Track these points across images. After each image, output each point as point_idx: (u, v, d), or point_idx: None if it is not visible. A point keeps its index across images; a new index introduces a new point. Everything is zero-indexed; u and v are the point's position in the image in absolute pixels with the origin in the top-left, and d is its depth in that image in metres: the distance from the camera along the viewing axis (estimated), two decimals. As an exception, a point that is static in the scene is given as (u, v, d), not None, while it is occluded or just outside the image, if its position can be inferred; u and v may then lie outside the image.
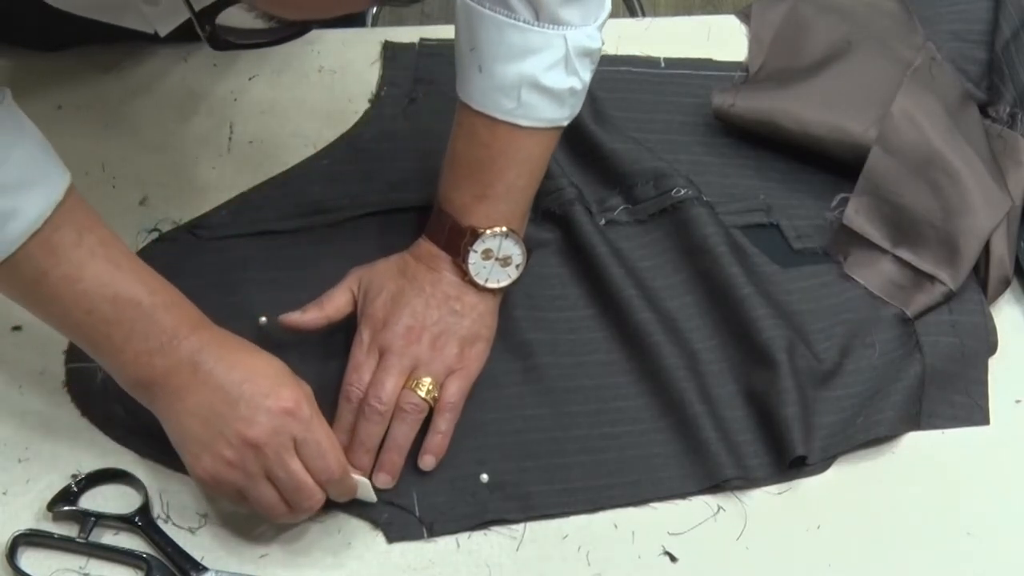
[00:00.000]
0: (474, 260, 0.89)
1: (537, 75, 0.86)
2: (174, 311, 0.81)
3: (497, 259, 0.89)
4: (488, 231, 0.89)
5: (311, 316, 0.89)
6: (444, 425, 0.87)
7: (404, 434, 0.86)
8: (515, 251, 0.90)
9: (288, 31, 0.70)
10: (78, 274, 0.78)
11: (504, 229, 0.89)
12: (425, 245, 0.91)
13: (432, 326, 0.88)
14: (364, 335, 0.88)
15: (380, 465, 0.85)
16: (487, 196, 0.89)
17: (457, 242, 0.89)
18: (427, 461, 0.86)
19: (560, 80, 0.87)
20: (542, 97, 0.87)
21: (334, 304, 0.90)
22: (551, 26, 0.86)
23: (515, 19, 0.85)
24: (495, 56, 0.86)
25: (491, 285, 0.90)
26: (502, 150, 0.88)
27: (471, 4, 0.86)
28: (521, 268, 0.91)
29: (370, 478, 0.85)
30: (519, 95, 0.86)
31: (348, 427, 0.86)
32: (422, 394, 0.86)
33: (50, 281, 0.78)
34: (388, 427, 0.86)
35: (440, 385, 0.87)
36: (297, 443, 0.79)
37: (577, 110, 0.90)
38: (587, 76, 0.89)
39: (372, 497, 0.84)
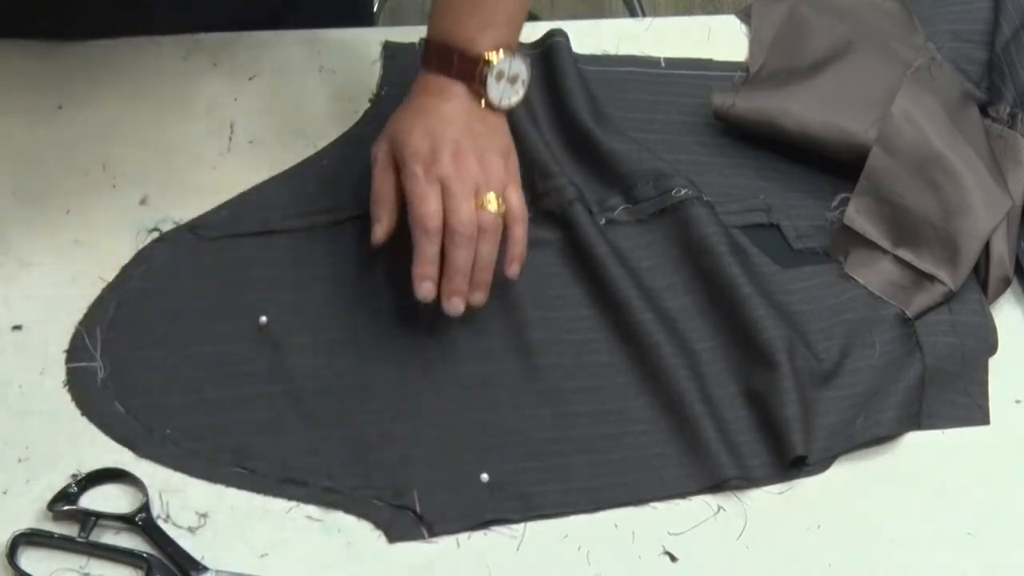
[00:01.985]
0: (491, 84, 0.92)
1: None
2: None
3: (507, 79, 0.93)
4: (498, 54, 0.92)
5: (385, 228, 0.92)
6: (521, 231, 0.92)
7: (490, 252, 0.90)
8: (521, 68, 0.94)
9: None
10: None
11: (511, 50, 0.93)
12: (433, 79, 0.93)
13: (473, 149, 0.91)
14: (417, 170, 0.90)
15: (475, 285, 0.90)
16: (490, 25, 0.92)
17: (471, 70, 0.92)
18: (514, 269, 0.92)
19: None
20: None
21: (389, 196, 0.92)
22: None
23: None
24: None
25: (505, 104, 0.94)
26: None
27: None
28: (527, 84, 0.94)
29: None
30: None
31: (432, 258, 0.89)
32: (493, 210, 0.90)
33: None
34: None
35: (502, 198, 0.91)
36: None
37: None
38: None
39: None
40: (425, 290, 0.88)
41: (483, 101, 0.92)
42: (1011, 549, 0.87)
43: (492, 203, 0.90)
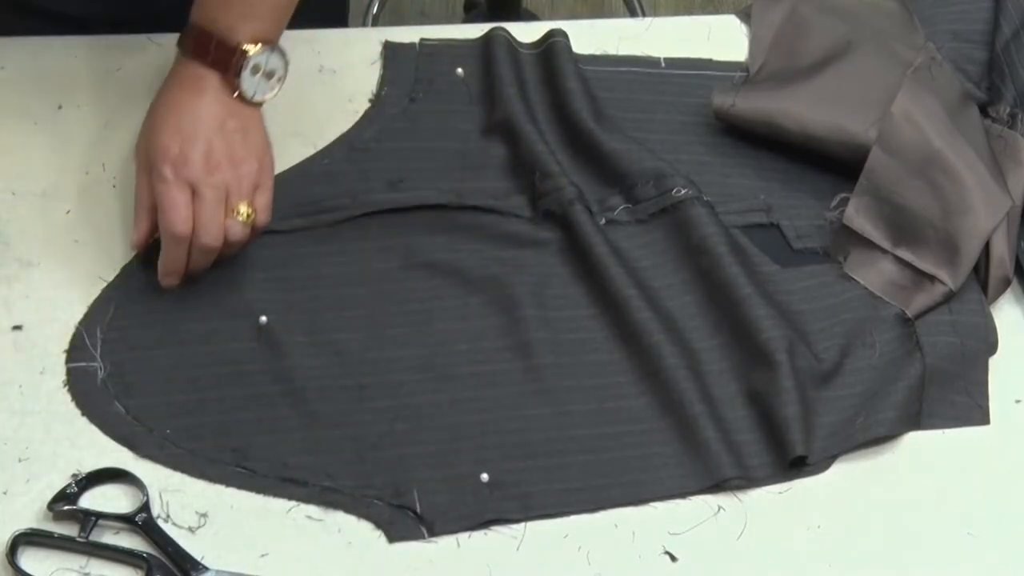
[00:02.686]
0: (245, 76, 0.91)
1: None
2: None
3: (264, 73, 0.92)
4: (256, 47, 0.91)
5: (141, 234, 0.92)
6: (257, 231, 0.94)
7: (232, 252, 0.93)
8: (279, 64, 0.93)
9: None
10: None
11: (271, 44, 0.92)
12: (188, 67, 0.91)
13: (226, 148, 0.90)
14: (166, 172, 0.89)
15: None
16: (253, 16, 0.91)
17: (227, 60, 0.90)
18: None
19: None
20: None
21: (144, 200, 0.91)
22: None
23: None
24: None
25: (258, 98, 0.93)
26: None
27: None
28: (283, 80, 0.94)
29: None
30: None
31: (180, 260, 0.90)
32: (242, 220, 0.91)
33: None
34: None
35: (250, 204, 0.92)
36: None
37: None
38: None
39: None
40: (168, 283, 0.92)
41: (236, 93, 0.91)
42: (1011, 549, 0.87)
43: (242, 213, 0.90)
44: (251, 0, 0.91)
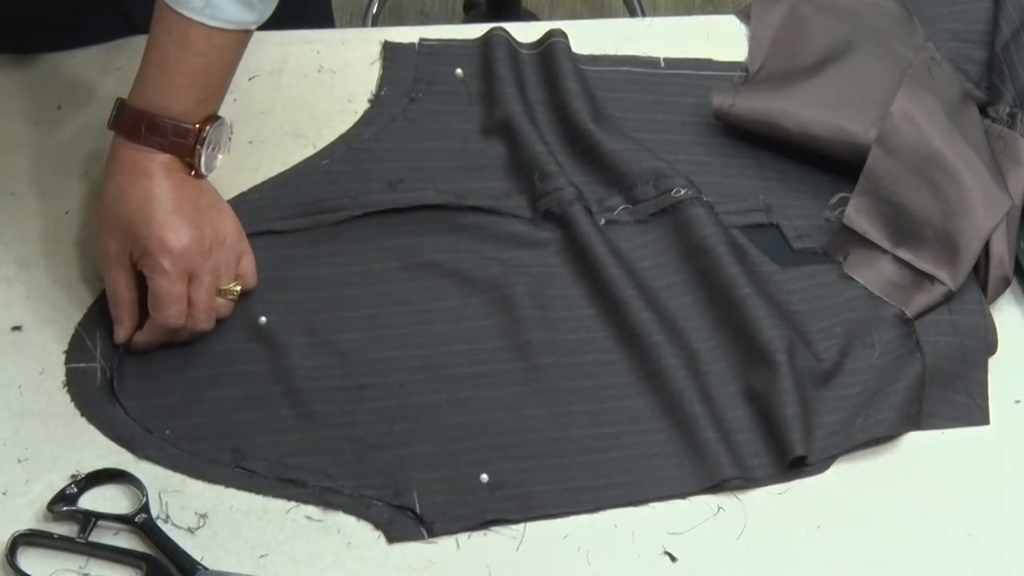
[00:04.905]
0: (200, 153, 0.91)
1: None
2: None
3: (213, 146, 0.92)
4: (209, 128, 0.91)
5: (128, 329, 0.90)
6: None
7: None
8: (222, 133, 0.93)
9: None
10: None
11: (219, 121, 0.92)
12: (141, 154, 0.89)
13: (211, 228, 0.90)
14: (165, 263, 0.88)
15: None
16: (207, 99, 0.91)
17: (184, 143, 0.90)
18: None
19: None
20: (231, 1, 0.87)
21: (127, 295, 0.90)
22: None
23: None
24: None
25: (209, 171, 0.93)
26: (220, 57, 0.90)
27: None
28: (228, 148, 0.95)
29: None
30: None
31: (163, 341, 0.90)
32: (233, 297, 0.92)
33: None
34: None
35: (238, 275, 0.93)
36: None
37: (265, 15, 0.90)
38: None
39: None
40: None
41: (193, 172, 0.90)
42: (1011, 549, 0.87)
43: (232, 292, 0.92)
44: (203, 84, 0.90)
